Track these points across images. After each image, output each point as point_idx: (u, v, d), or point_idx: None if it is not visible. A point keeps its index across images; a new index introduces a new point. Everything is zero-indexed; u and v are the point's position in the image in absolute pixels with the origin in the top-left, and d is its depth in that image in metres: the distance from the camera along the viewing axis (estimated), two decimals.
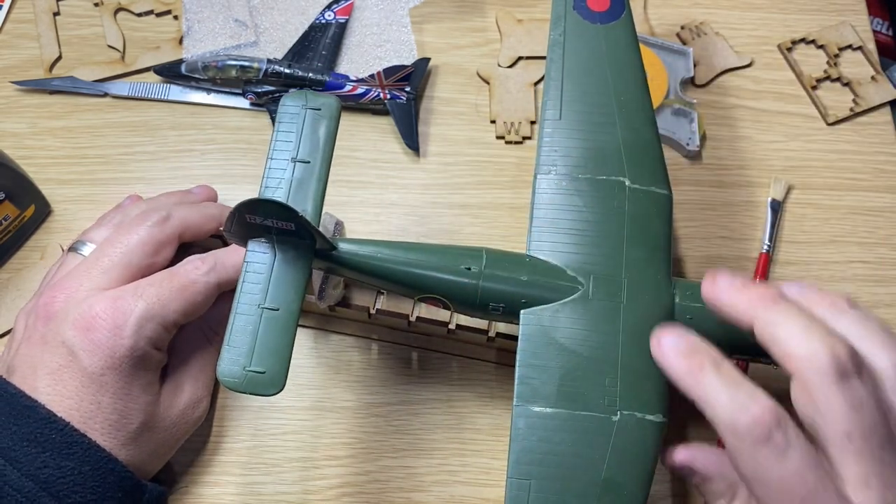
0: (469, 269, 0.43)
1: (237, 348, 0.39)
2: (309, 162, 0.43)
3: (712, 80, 0.63)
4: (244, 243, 0.41)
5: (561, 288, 0.42)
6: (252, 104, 0.60)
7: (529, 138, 0.60)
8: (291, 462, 0.50)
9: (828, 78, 0.63)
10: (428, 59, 0.61)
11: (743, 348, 0.43)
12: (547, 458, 0.39)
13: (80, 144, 0.59)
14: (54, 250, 0.55)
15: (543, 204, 0.45)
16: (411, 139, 0.59)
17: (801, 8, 0.66)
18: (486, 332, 0.50)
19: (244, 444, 0.50)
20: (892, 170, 0.60)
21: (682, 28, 0.65)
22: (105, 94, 0.60)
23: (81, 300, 0.43)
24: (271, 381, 0.39)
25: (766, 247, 0.56)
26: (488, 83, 0.62)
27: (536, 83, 0.62)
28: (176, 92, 0.60)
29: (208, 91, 0.60)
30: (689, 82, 0.62)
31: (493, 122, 0.61)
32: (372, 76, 0.60)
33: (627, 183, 0.45)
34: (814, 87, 0.63)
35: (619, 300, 0.42)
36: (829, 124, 0.62)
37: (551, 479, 0.38)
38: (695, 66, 0.62)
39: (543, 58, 0.58)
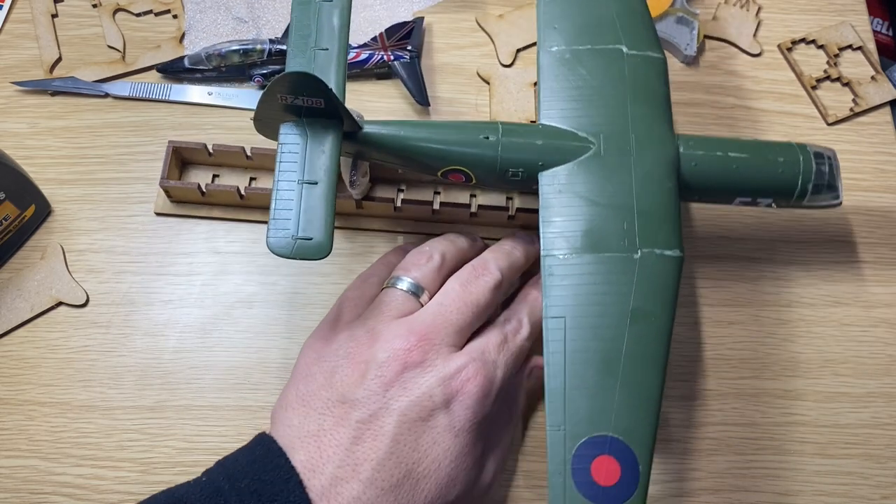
0: (487, 138, 0.46)
1: (283, 220, 0.41)
2: (328, 49, 0.46)
3: (716, 39, 0.64)
4: (276, 130, 0.44)
5: (574, 149, 0.46)
6: (260, 87, 0.61)
7: None
8: None
9: (828, 78, 0.63)
10: (422, 19, 0.63)
11: (744, 191, 0.48)
12: (578, 297, 0.42)
13: (80, 144, 0.59)
14: (54, 250, 0.55)
15: (549, 77, 0.49)
16: (421, 95, 0.60)
17: (801, 8, 0.66)
18: (506, 209, 0.53)
19: (244, 444, 0.50)
20: (892, 170, 0.60)
21: None
22: (106, 95, 0.60)
23: (445, 358, 0.43)
24: (319, 246, 0.41)
25: None
26: (489, 83, 0.62)
27: (536, 83, 0.62)
28: (177, 92, 0.60)
29: (210, 92, 0.60)
30: None
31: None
32: (374, 39, 0.61)
33: (625, 50, 0.49)
34: (814, 87, 0.63)
35: (629, 154, 0.45)
36: (829, 124, 0.62)
37: (584, 315, 0.41)
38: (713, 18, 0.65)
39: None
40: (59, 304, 0.53)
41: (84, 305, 0.54)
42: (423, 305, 0.46)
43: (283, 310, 0.54)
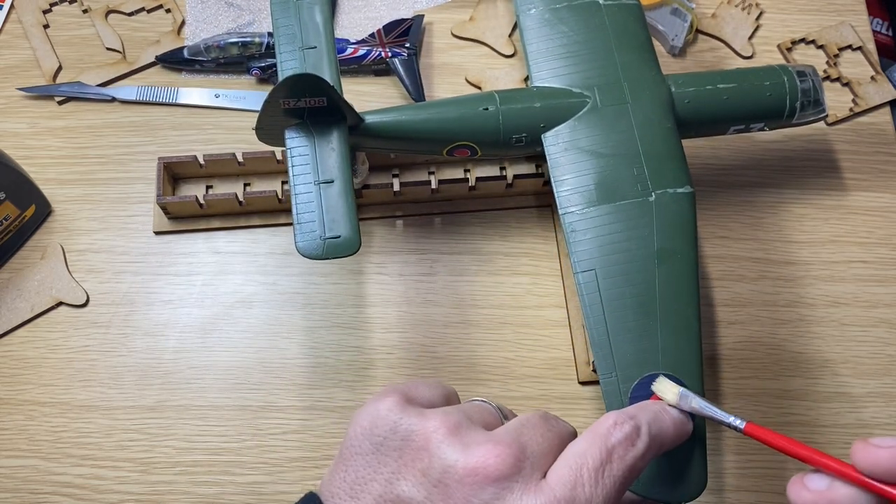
0: (487, 109, 0.47)
1: (308, 223, 0.41)
2: (316, 47, 0.47)
3: (711, 36, 0.64)
4: (281, 136, 0.43)
5: (572, 105, 0.47)
6: (258, 80, 0.61)
7: None
8: (292, 462, 0.50)
9: (828, 78, 0.63)
10: (421, 16, 0.62)
11: (737, 119, 0.49)
12: (603, 247, 0.43)
13: (80, 144, 0.59)
14: (55, 250, 0.55)
15: (533, 39, 0.50)
16: (418, 92, 0.60)
17: (801, 8, 0.66)
18: (504, 178, 0.54)
19: (244, 443, 0.50)
20: (892, 170, 0.60)
21: None
22: (113, 100, 0.60)
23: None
24: (348, 243, 0.41)
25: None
26: (480, 88, 0.62)
27: (526, 79, 0.62)
28: (184, 95, 0.60)
29: (217, 95, 0.60)
30: None
31: None
32: (372, 35, 0.61)
33: (601, 1, 0.50)
34: None
35: (625, 101, 0.47)
36: (829, 124, 0.62)
37: (612, 264, 0.43)
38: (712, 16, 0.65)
39: None
40: (59, 304, 0.53)
41: (84, 305, 0.54)
42: None
43: (283, 310, 0.54)
